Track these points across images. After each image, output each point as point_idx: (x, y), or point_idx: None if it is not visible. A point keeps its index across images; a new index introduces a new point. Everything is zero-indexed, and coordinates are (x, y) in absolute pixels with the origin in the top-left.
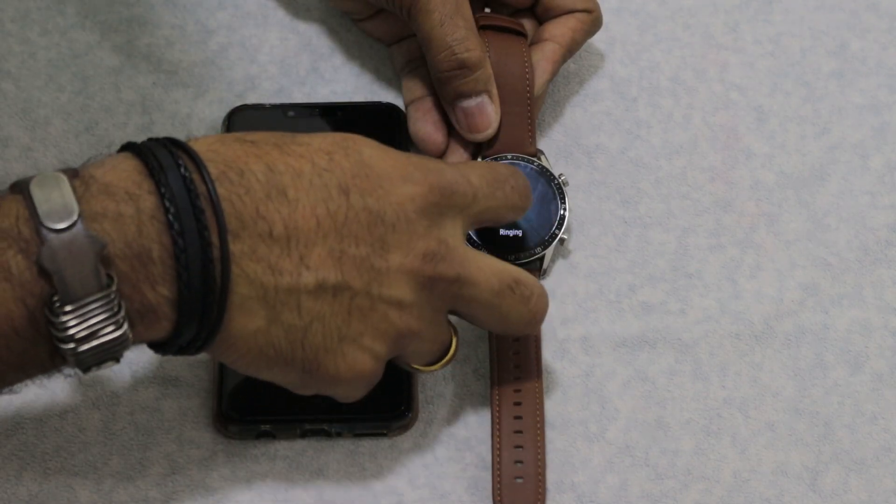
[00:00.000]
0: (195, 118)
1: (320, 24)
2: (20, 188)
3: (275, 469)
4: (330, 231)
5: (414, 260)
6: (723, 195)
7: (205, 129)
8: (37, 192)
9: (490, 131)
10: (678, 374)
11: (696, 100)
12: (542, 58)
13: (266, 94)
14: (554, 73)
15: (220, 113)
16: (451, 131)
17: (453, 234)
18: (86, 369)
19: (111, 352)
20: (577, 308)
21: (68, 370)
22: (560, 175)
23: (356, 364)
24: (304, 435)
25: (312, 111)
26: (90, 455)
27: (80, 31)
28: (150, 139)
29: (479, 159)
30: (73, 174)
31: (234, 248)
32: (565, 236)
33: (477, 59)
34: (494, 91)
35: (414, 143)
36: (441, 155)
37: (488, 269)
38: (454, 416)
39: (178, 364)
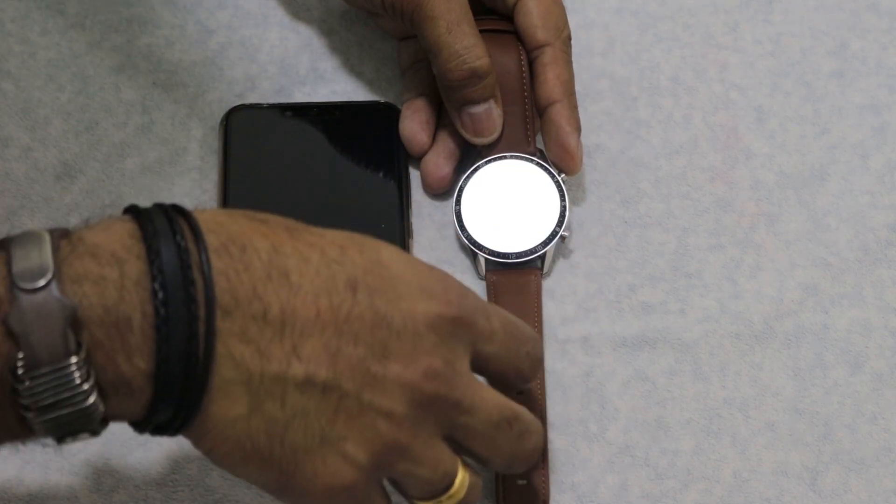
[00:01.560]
0: (195, 118)
1: (320, 24)
2: (4, 245)
3: None
4: (329, 324)
5: (414, 374)
6: (723, 195)
7: (204, 129)
8: (16, 250)
9: (495, 135)
10: (678, 374)
11: (696, 100)
12: (559, 126)
13: (266, 94)
14: (579, 127)
15: (220, 113)
16: (438, 132)
17: (461, 359)
18: (59, 439)
19: (80, 423)
20: (577, 308)
21: (47, 440)
22: (560, 173)
23: (335, 472)
24: None
25: (310, 111)
26: (90, 455)
27: (80, 31)
28: (155, 204)
29: (478, 159)
30: (61, 234)
31: (223, 325)
32: (566, 233)
33: (487, 67)
34: (499, 95)
35: (402, 140)
36: (422, 155)
37: (491, 400)
38: None
39: None
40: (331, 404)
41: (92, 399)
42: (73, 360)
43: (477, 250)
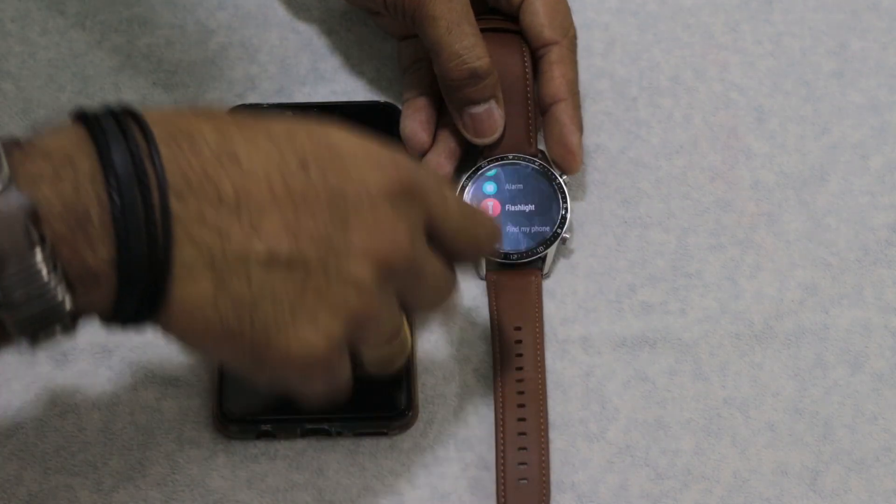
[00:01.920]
0: None
1: (320, 24)
2: None
3: (275, 469)
4: (285, 202)
5: (378, 243)
6: (723, 195)
7: None
8: None
9: (496, 135)
10: (678, 374)
11: (696, 100)
12: (562, 124)
13: (266, 94)
14: (581, 126)
15: None
16: (438, 131)
17: (418, 228)
18: (33, 339)
19: (51, 317)
20: (577, 308)
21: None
22: (561, 174)
23: (308, 343)
24: (304, 435)
25: (309, 111)
26: (90, 455)
27: (80, 31)
28: (102, 105)
29: (479, 160)
30: (13, 142)
31: (178, 208)
32: (567, 235)
33: (487, 67)
34: (500, 95)
35: (402, 139)
36: (422, 154)
37: (439, 268)
38: (454, 415)
39: (179, 364)
40: (297, 279)
41: (61, 291)
42: (38, 253)
43: None
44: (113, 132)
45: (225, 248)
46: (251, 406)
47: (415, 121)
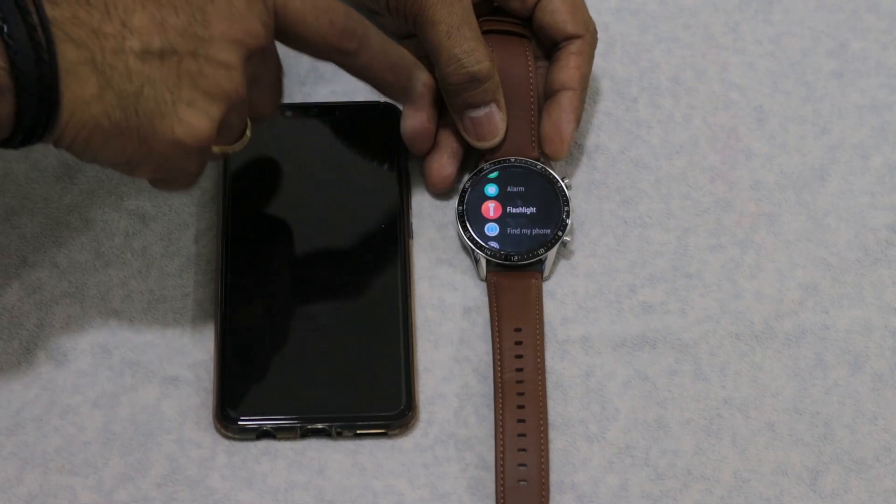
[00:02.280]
0: None
1: None
2: None
3: (275, 469)
4: (148, 0)
5: (239, 31)
6: (723, 195)
7: None
8: None
9: (497, 139)
10: (678, 374)
11: (696, 100)
12: (562, 110)
13: None
14: (579, 120)
15: None
16: (440, 132)
17: (267, 15)
18: None
19: None
20: (577, 308)
21: None
22: (563, 178)
23: (193, 125)
24: (304, 435)
25: (310, 111)
26: (90, 455)
27: None
28: None
29: (482, 163)
30: None
31: (54, 13)
32: (568, 238)
33: (487, 71)
34: (502, 99)
35: (404, 140)
36: (424, 155)
37: (279, 64)
38: (454, 416)
39: (179, 364)
40: (172, 69)
41: None
42: None
43: (479, 252)
44: None
45: (103, 45)
46: (251, 406)
47: (416, 120)
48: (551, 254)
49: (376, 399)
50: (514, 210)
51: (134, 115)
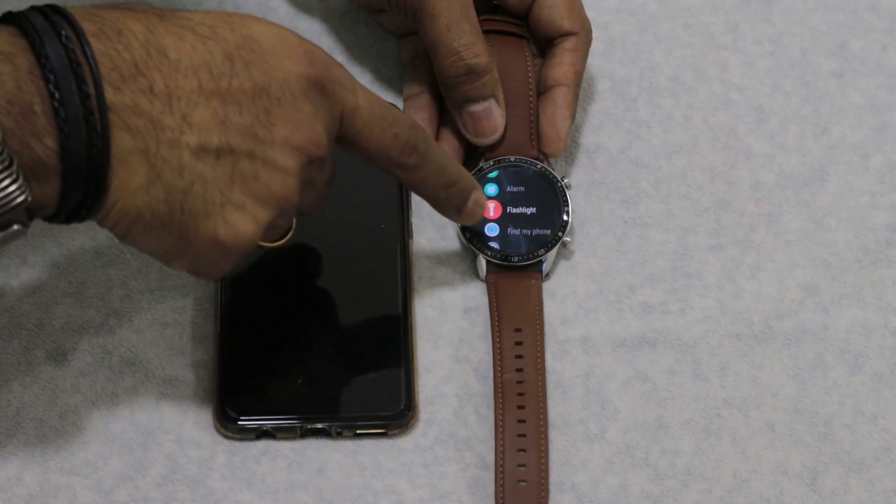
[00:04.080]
0: None
1: (320, 24)
2: None
3: (275, 469)
4: (213, 95)
5: (302, 138)
6: (723, 195)
7: None
8: None
9: (496, 136)
10: (678, 374)
11: (696, 100)
12: (557, 106)
13: None
14: (573, 116)
15: None
16: (441, 130)
17: (331, 122)
18: None
19: (8, 213)
20: (577, 308)
21: None
22: (563, 178)
23: (238, 229)
24: (304, 435)
25: None
26: (90, 455)
27: None
28: (30, 7)
29: (481, 162)
30: None
31: (115, 98)
32: (568, 238)
33: (485, 65)
34: (501, 95)
35: None
36: None
37: (333, 169)
38: (454, 415)
39: (179, 364)
40: (226, 169)
41: (15, 185)
42: None
43: (479, 252)
44: (44, 28)
45: (159, 137)
46: (251, 406)
47: (417, 119)
48: (551, 254)
49: (376, 399)
50: (513, 210)
51: (179, 211)
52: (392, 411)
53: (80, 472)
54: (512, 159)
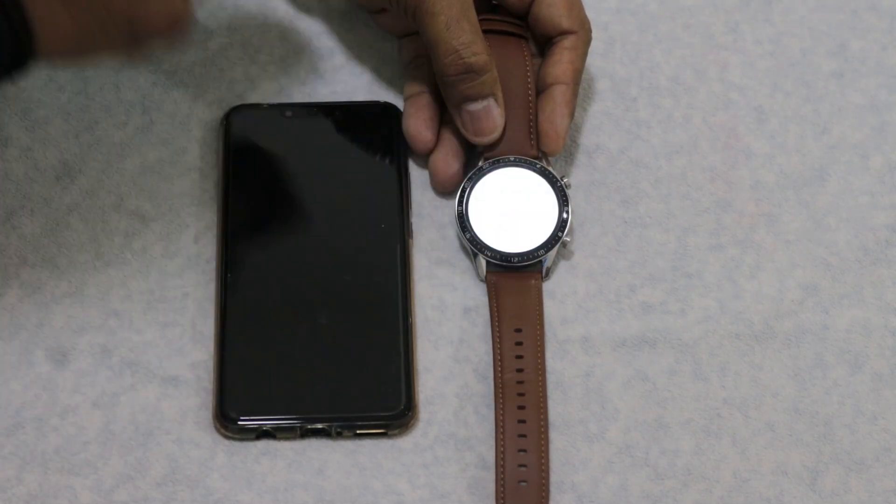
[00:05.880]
0: (195, 118)
1: (320, 24)
2: None
3: (275, 469)
4: None
5: None
6: (723, 195)
7: (204, 129)
8: None
9: (495, 135)
10: (678, 374)
11: (696, 100)
12: (556, 104)
13: (266, 94)
14: (572, 115)
15: (220, 113)
16: (442, 130)
17: None
18: None
19: None
20: (577, 308)
21: None
22: (563, 178)
23: None
24: (304, 435)
25: (310, 111)
26: (90, 455)
27: None
28: None
29: (480, 162)
30: None
31: None
32: (568, 238)
33: (483, 63)
34: (500, 94)
35: (406, 138)
36: (429, 153)
37: None
38: (454, 416)
39: (179, 364)
40: None
41: None
42: None
43: (479, 252)
44: None
45: None
46: (251, 406)
47: (418, 119)
48: (551, 254)
49: (376, 399)
50: (514, 210)
51: None
52: (392, 411)
53: (80, 472)
54: (511, 159)
